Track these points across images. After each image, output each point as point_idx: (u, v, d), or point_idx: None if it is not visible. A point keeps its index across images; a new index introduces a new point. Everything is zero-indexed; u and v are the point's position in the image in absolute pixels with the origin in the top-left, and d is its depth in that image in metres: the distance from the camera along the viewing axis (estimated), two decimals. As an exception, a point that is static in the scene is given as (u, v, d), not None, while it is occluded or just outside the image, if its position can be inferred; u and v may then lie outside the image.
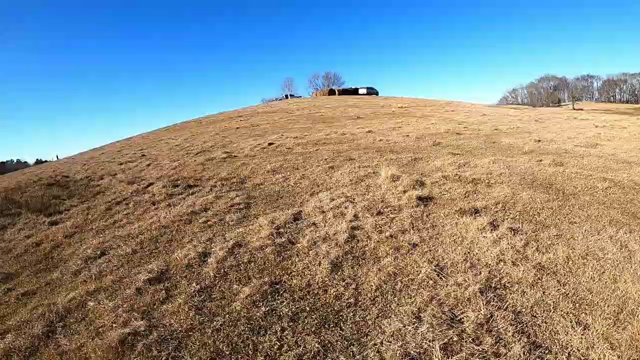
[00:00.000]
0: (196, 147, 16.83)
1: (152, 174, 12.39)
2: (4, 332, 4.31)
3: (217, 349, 3.37)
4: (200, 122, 34.28)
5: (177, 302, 4.20)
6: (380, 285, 4.07)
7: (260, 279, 4.41)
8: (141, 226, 7.03)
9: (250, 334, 3.51)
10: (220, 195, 8.24)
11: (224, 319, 3.80)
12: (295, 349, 3.23)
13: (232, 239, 5.61)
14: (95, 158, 23.66)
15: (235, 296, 4.17)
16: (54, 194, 12.49)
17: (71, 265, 5.95)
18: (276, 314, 3.78)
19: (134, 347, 3.54)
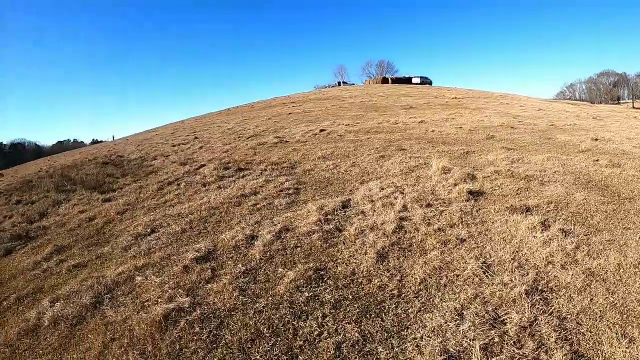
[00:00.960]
0: (248, 131, 19.09)
1: (204, 156, 14.28)
2: (54, 301, 5.53)
3: (257, 330, 4.02)
4: (252, 107, 38.97)
5: (222, 282, 5.00)
6: (425, 279, 4.49)
7: (306, 264, 5.05)
8: (191, 206, 8.23)
9: (291, 318, 4.13)
10: (270, 179, 9.32)
11: (266, 301, 4.49)
12: (335, 336, 3.77)
13: (279, 223, 6.42)
14: (149, 139, 27.38)
15: (279, 280, 4.85)
16: (108, 173, 14.98)
17: (122, 240, 7.27)
18: (319, 300, 4.36)
19: (177, 323, 4.35)
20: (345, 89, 56.17)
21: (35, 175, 20.14)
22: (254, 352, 3.72)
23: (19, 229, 10.24)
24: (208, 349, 3.90)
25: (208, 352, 3.86)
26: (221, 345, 3.91)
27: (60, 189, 13.80)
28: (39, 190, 14.98)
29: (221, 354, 3.79)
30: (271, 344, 3.79)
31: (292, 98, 44.43)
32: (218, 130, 22.60)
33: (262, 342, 3.84)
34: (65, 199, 12.26)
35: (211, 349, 3.89)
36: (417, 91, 43.57)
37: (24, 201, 13.87)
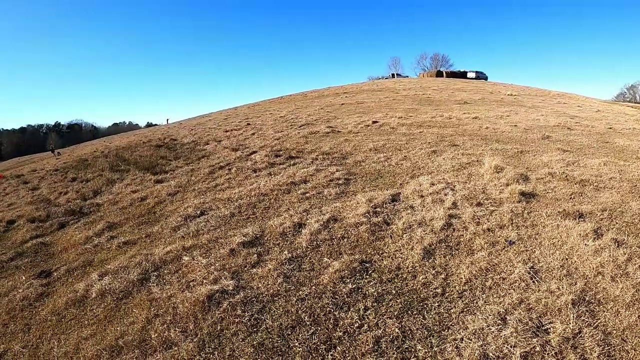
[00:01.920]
0: (300, 120, 19.57)
1: (255, 143, 14.83)
2: (102, 275, 5.98)
3: (298, 318, 4.16)
4: (305, 96, 40.10)
5: (267, 267, 5.19)
6: (470, 279, 4.45)
7: (351, 256, 5.14)
8: (241, 191, 8.58)
9: (333, 308, 4.23)
10: (321, 168, 9.53)
11: (310, 289, 4.62)
12: (375, 330, 3.83)
13: (328, 213, 6.57)
14: (202, 124, 28.60)
15: (324, 269, 4.97)
16: (161, 155, 15.88)
17: (171, 221, 7.73)
18: (362, 292, 4.43)
19: (220, 304, 4.58)
20: (399, 81, 56.50)
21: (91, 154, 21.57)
22: (293, 339, 3.86)
23: (73, 205, 11.06)
24: (248, 332, 4.09)
25: (248, 335, 4.04)
26: (261, 329, 4.09)
27: (115, 168, 14.79)
28: (93, 169, 16.05)
29: (261, 338, 3.96)
30: (311, 333, 3.91)
31: (345, 88, 45.23)
32: (270, 117, 23.33)
33: (302, 330, 3.97)
34: (119, 178, 13.15)
35: (251, 333, 4.07)
36: (472, 86, 43.35)
37: (79, 179, 14.95)
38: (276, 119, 22.01)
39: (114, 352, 4.28)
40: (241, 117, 27.47)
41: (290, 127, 17.53)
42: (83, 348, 4.53)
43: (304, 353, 3.63)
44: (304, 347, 3.70)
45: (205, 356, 3.86)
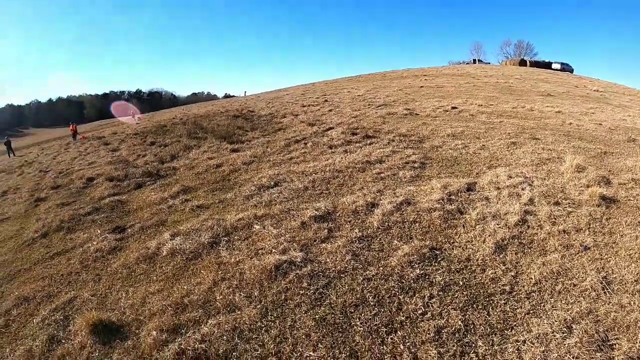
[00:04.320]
0: (378, 100, 19.38)
1: (332, 120, 14.95)
2: (174, 235, 6.38)
3: (363, 297, 4.18)
4: (384, 76, 39.73)
5: (337, 243, 5.26)
6: (540, 281, 4.20)
7: (422, 241, 5.07)
8: (316, 166, 8.73)
9: (398, 292, 4.20)
10: (397, 150, 9.42)
11: (377, 270, 4.62)
12: (438, 319, 3.75)
13: (401, 195, 6.51)
14: (280, 98, 29.24)
15: (393, 252, 4.95)
16: (238, 125, 16.47)
17: (245, 189, 8.06)
18: (429, 279, 4.36)
19: (287, 275, 4.72)
20: (481, 67, 54.64)
21: (170, 121, 22.76)
22: (355, 318, 3.91)
23: (151, 167, 11.82)
24: (311, 305, 4.19)
25: (311, 308, 4.15)
26: (325, 304, 4.17)
27: (192, 135, 15.59)
28: (172, 135, 16.96)
29: (323, 312, 4.04)
30: (373, 314, 3.93)
31: (424, 71, 44.50)
32: (348, 95, 23.40)
33: (365, 310, 4.00)
34: (196, 145, 13.88)
35: (314, 306, 4.17)
36: (557, 78, 41.15)
37: (157, 143, 15.91)
38: (354, 97, 22.06)
39: (179, 308, 4.56)
40: (318, 94, 27.76)
41: (367, 106, 17.51)
42: (149, 302, 4.87)
43: (364, 333, 3.67)
44: (364, 327, 3.74)
45: (267, 323, 4.01)
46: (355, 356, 3.43)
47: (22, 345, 4.68)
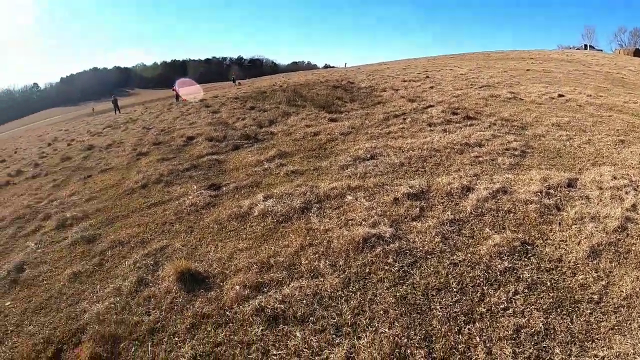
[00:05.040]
0: (481, 80, 18.49)
1: (433, 97, 14.54)
2: (267, 197, 6.62)
3: (446, 282, 4.06)
4: (488, 56, 37.82)
5: (427, 223, 5.15)
6: (631, 296, 3.72)
7: (514, 233, 4.77)
8: (413, 143, 8.58)
9: (483, 282, 4.01)
10: (498, 135, 8.94)
11: (464, 256, 4.45)
12: (519, 318, 3.51)
13: (498, 183, 6.17)
14: (380, 71, 28.96)
15: (483, 240, 4.74)
16: (337, 96, 16.62)
17: (340, 159, 8.15)
18: (516, 274, 4.10)
19: (373, 249, 4.72)
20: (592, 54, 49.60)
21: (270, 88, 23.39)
22: (435, 302, 3.82)
23: (249, 130, 12.28)
24: (394, 282, 4.16)
25: (393, 285, 4.12)
26: (407, 283, 4.12)
27: (291, 102, 15.99)
28: (271, 101, 17.44)
29: (405, 291, 4.00)
30: (454, 300, 3.82)
31: (531, 54, 41.52)
32: (450, 73, 22.74)
33: (447, 295, 3.90)
34: (294, 112, 14.21)
35: (397, 284, 4.13)
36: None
37: (256, 108, 16.48)
38: (456, 75, 21.40)
39: (264, 268, 4.74)
40: (420, 69, 27.15)
41: (470, 86, 16.89)
42: (236, 258, 5.10)
43: (443, 318, 3.59)
44: (444, 313, 3.65)
45: (347, 294, 4.05)
46: (429, 340, 3.37)
47: (112, 284, 5.13)
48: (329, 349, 3.41)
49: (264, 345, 3.61)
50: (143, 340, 4.01)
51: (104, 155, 13.68)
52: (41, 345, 4.31)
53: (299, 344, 3.52)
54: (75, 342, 4.24)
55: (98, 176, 10.95)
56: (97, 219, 7.52)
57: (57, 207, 8.90)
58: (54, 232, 7.44)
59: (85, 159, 13.93)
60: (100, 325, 4.30)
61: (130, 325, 4.23)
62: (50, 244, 6.97)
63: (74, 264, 5.95)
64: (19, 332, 4.68)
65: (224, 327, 3.92)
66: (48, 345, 4.29)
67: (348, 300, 3.97)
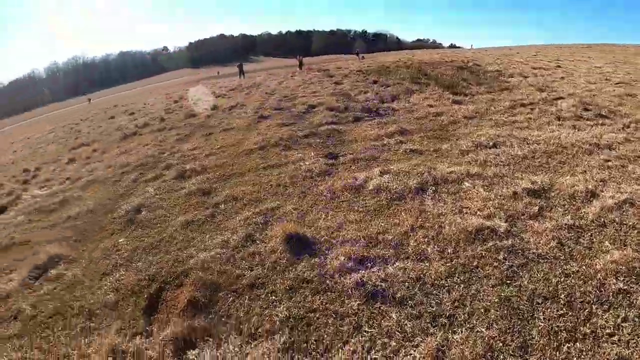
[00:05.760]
0: (617, 76, 16.35)
1: (564, 89, 13.30)
2: (383, 172, 6.54)
3: (554, 292, 3.66)
4: (626, 50, 33.24)
5: (545, 225, 4.70)
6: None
7: (636, 252, 4.03)
8: (539, 136, 7.93)
9: (592, 300, 3.56)
10: (631, 139, 7.76)
11: (578, 268, 3.97)
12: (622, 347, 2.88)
13: (626, 193, 5.31)
14: (508, 56, 27.18)
15: (601, 254, 4.17)
16: (463, 77, 15.88)
17: (462, 143, 7.82)
18: (629, 299, 3.49)
19: (485, 242, 4.45)
20: None
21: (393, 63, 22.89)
22: (539, 311, 3.49)
23: (371, 104, 12.22)
24: (501, 281, 3.89)
25: (499, 284, 3.86)
26: (514, 285, 3.83)
27: (414, 80, 15.53)
28: (394, 77, 17.09)
29: (510, 293, 3.72)
30: (559, 314, 3.45)
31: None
32: (584, 65, 20.55)
33: (553, 307, 3.54)
34: (418, 90, 13.80)
35: (503, 283, 3.86)
36: None
37: (379, 83, 16.30)
38: (590, 68, 19.28)
39: (371, 243, 4.70)
40: (551, 57, 25.05)
41: (605, 81, 15.11)
42: (345, 229, 5.12)
43: (543, 330, 3.28)
44: (545, 324, 3.34)
45: (451, 284, 3.90)
46: (525, 350, 3.12)
47: (221, 236, 5.40)
48: (421, 337, 3.32)
49: (358, 320, 3.59)
50: (241, 293, 4.19)
51: (226, 116, 14.31)
52: (145, 281, 4.70)
53: (392, 326, 3.47)
54: (177, 284, 4.55)
55: (219, 134, 11.54)
56: (214, 174, 7.98)
57: (178, 159, 9.62)
58: (172, 181, 8.05)
59: (209, 117, 14.64)
60: (203, 272, 4.57)
61: (232, 277, 4.44)
62: (168, 191, 7.54)
63: (187, 213, 6.39)
64: (127, 267, 5.13)
65: (322, 295, 3.97)
66: (152, 282, 4.67)
67: (450, 290, 3.82)
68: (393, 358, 3.17)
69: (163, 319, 4.04)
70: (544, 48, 39.59)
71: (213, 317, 3.91)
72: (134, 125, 16.52)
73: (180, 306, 4.12)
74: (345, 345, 3.35)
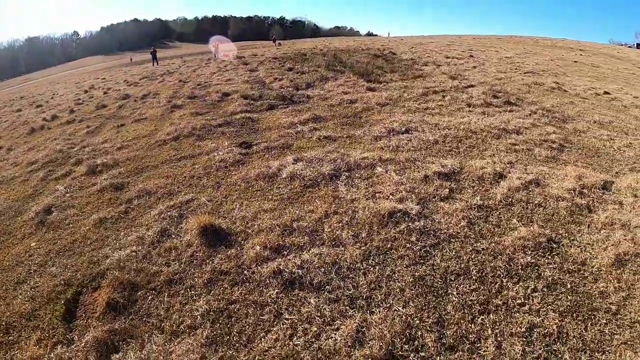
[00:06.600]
0: (526, 66, 17.83)
1: (475, 77, 14.08)
2: (297, 160, 6.51)
3: (466, 269, 3.87)
4: (536, 42, 37.19)
5: (455, 206, 4.91)
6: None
7: (541, 229, 4.43)
8: (450, 122, 8.27)
9: (503, 274, 3.78)
10: (537, 124, 8.53)
11: (488, 245, 4.21)
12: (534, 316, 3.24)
13: (532, 174, 5.82)
14: (424, 45, 28.38)
15: (509, 230, 4.48)
16: (377, 65, 16.21)
17: (374, 130, 7.93)
18: (537, 271, 3.81)
19: (398, 224, 4.53)
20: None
21: (310, 50, 23.05)
22: (453, 287, 3.66)
23: (285, 91, 12.19)
24: (414, 261, 4.01)
25: (413, 264, 3.97)
26: (427, 264, 3.97)
27: (330, 67, 15.67)
28: (310, 64, 17.19)
29: (424, 272, 3.85)
30: (472, 289, 3.64)
31: (581, 45, 40.67)
32: (495, 55, 22.16)
33: (465, 282, 3.72)
34: (333, 77, 13.90)
35: (417, 263, 3.98)
36: None
37: (295, 70, 16.33)
38: (501, 58, 20.81)
39: (286, 231, 4.66)
40: (464, 47, 26.55)
41: (514, 70, 16.33)
42: (260, 218, 5.03)
43: (457, 305, 3.44)
44: (459, 299, 3.51)
45: (366, 267, 3.95)
46: (441, 325, 3.24)
47: (135, 232, 5.14)
48: (340, 320, 3.34)
49: (278, 308, 3.57)
50: (160, 290, 4.03)
51: (138, 106, 13.79)
52: (61, 286, 4.39)
53: (312, 311, 3.48)
54: (94, 287, 4.30)
55: (131, 125, 11.03)
56: (127, 168, 7.58)
57: (88, 154, 9.04)
58: (83, 177, 7.55)
59: (120, 108, 14.09)
60: (120, 272, 4.34)
61: (149, 275, 4.26)
62: (79, 188, 7.07)
63: (100, 210, 6.02)
64: (41, 273, 4.75)
65: (241, 286, 3.91)
66: (68, 287, 4.37)
67: (366, 273, 3.87)
68: (315, 342, 3.18)
69: (83, 325, 3.79)
70: (458, 38, 41.73)
71: (134, 318, 3.73)
72: (42, 118, 15.41)
73: (99, 309, 3.89)
74: (267, 334, 3.33)
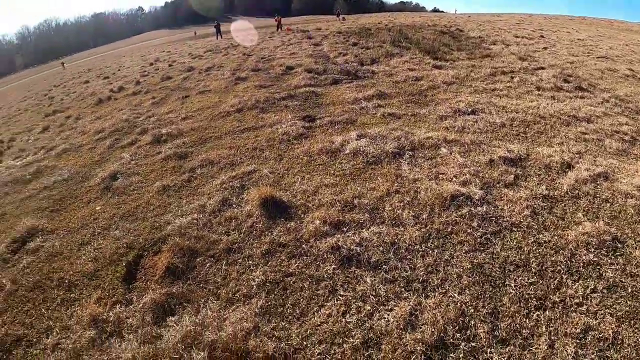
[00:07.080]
0: (600, 50, 16.58)
1: (545, 59, 13.42)
2: (360, 136, 6.56)
3: (526, 260, 3.76)
4: (611, 24, 34.69)
5: (520, 194, 4.78)
6: None
7: (607, 226, 4.18)
8: (518, 105, 8.03)
9: (563, 269, 3.66)
10: (609, 114, 8.02)
11: (550, 238, 4.06)
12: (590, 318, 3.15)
13: (601, 167, 5.47)
14: (492, 22, 27.22)
15: (573, 225, 4.28)
16: (444, 42, 15.85)
17: (440, 109, 7.85)
18: (599, 270, 3.66)
19: (460, 208, 4.51)
20: None
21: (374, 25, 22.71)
22: (511, 279, 3.59)
23: (350, 66, 12.13)
24: (474, 248, 3.98)
25: (473, 250, 3.95)
26: (487, 251, 3.92)
27: (395, 43, 15.46)
28: (375, 40, 16.97)
29: (483, 260, 3.81)
30: (530, 282, 3.54)
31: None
32: (567, 37, 20.90)
33: (524, 275, 3.64)
34: (398, 53, 13.72)
35: (476, 250, 3.95)
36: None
37: (359, 45, 16.18)
38: (573, 40, 19.58)
39: (347, 207, 4.74)
40: (535, 27, 25.32)
41: (587, 54, 15.36)
42: (321, 192, 5.14)
43: (514, 297, 3.39)
44: (516, 292, 3.44)
45: (425, 249, 3.97)
46: (495, 316, 3.22)
47: (197, 201, 5.39)
48: (395, 301, 3.39)
49: (333, 284, 3.66)
50: (219, 258, 4.22)
51: (203, 78, 14.11)
52: (123, 249, 4.67)
53: (367, 290, 3.54)
54: (155, 251, 4.55)
55: (196, 97, 11.35)
56: (190, 138, 7.87)
57: (153, 123, 9.44)
58: (148, 146, 7.91)
59: (185, 80, 14.43)
60: (180, 238, 4.55)
61: (209, 242, 4.46)
62: (144, 157, 7.42)
63: (164, 178, 6.32)
64: (105, 235, 5.06)
65: (298, 259, 4.02)
66: (130, 250, 4.65)
67: (424, 256, 3.89)
68: (367, 321, 3.23)
69: (142, 287, 4.04)
70: (528, 17, 39.79)
71: (191, 283, 3.93)
72: (109, 89, 16.15)
73: (158, 273, 4.12)
74: (320, 309, 3.41)
